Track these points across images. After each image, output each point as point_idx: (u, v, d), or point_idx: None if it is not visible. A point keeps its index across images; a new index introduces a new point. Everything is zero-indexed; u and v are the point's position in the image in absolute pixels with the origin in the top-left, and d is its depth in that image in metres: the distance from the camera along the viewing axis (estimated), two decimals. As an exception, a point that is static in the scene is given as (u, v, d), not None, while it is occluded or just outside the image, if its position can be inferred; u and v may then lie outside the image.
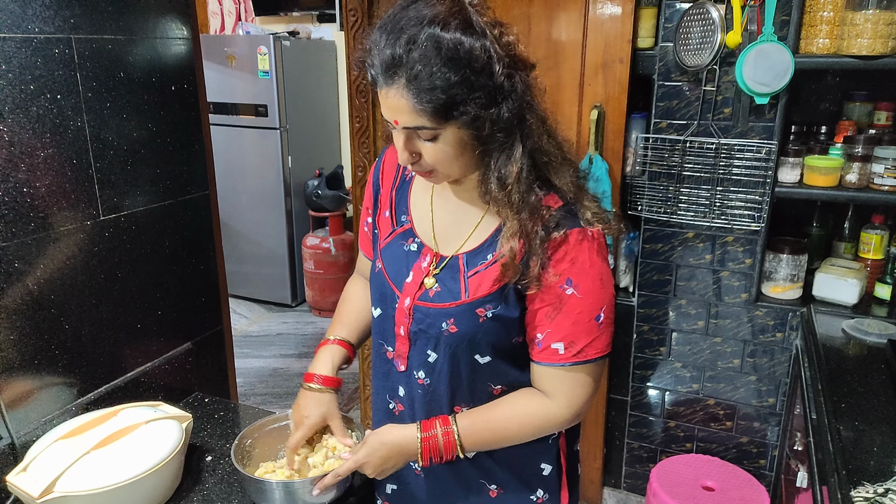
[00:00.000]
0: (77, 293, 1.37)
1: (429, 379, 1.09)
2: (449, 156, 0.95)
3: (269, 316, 4.50)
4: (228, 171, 4.41)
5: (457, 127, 0.92)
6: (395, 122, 0.94)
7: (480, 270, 1.03)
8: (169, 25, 1.53)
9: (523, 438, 1.07)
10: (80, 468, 1.11)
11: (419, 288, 1.07)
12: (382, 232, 1.17)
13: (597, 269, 0.99)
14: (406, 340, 1.09)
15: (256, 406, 1.77)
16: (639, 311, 2.38)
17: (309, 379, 1.21)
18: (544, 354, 1.02)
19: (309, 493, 1.12)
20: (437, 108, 0.89)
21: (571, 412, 1.04)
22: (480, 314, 1.02)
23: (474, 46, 0.88)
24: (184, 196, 1.63)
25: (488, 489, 1.15)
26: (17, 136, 1.23)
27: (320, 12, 4.60)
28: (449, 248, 1.07)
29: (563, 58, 2.22)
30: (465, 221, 1.07)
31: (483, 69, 0.89)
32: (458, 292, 1.03)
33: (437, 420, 1.07)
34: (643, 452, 2.53)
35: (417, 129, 0.93)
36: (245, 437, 1.24)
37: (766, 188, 2.07)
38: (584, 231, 0.98)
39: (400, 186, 1.17)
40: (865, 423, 1.39)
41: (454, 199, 1.09)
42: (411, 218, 1.13)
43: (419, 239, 1.10)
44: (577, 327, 0.99)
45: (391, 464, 1.09)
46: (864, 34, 1.82)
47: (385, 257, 1.13)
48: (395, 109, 0.92)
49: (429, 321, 1.05)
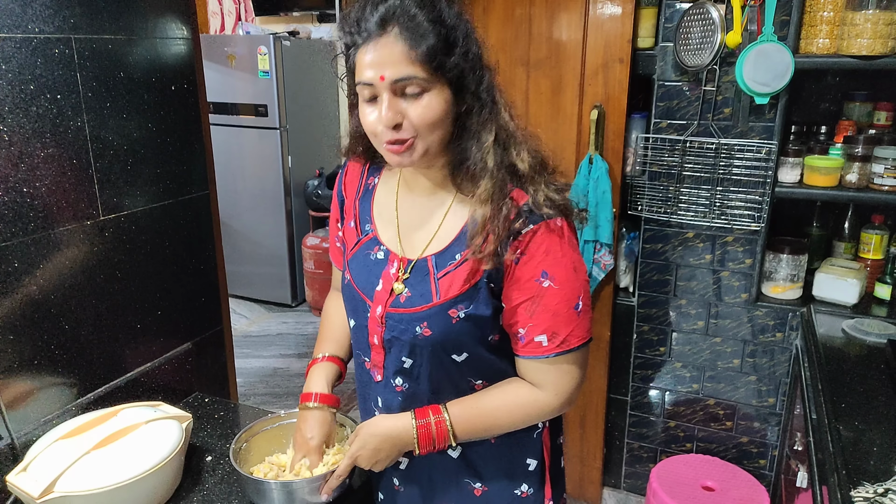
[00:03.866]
0: (77, 293, 1.37)
1: (407, 384, 1.09)
2: (435, 116, 0.94)
3: (269, 316, 4.50)
4: (228, 171, 4.41)
5: (444, 85, 0.94)
6: (381, 79, 0.92)
7: (450, 271, 1.02)
8: (169, 25, 1.53)
9: (513, 426, 1.07)
10: (80, 468, 1.11)
11: (390, 295, 1.06)
12: (348, 243, 1.17)
13: (569, 259, 1.00)
14: (381, 349, 1.09)
15: (256, 406, 1.77)
16: (639, 311, 2.38)
17: (307, 399, 1.19)
18: (528, 349, 1.02)
19: (308, 492, 1.12)
20: (429, 52, 0.91)
21: (560, 400, 1.05)
22: (453, 315, 1.02)
23: (461, 12, 0.96)
24: (184, 196, 1.63)
25: (472, 488, 1.15)
26: (17, 136, 1.23)
27: (320, 12, 4.61)
28: (415, 252, 1.07)
29: (563, 58, 2.22)
30: (429, 221, 1.07)
31: (468, 34, 0.96)
32: (429, 294, 1.03)
33: (428, 409, 1.07)
34: (643, 452, 2.53)
35: (407, 79, 0.92)
36: (244, 437, 1.24)
37: (766, 188, 2.07)
38: (551, 223, 0.99)
39: (363, 196, 1.16)
40: (865, 423, 1.39)
41: (418, 199, 1.09)
42: (375, 226, 1.12)
43: (385, 246, 1.10)
44: (557, 318, 1.00)
45: (384, 454, 1.09)
46: (864, 34, 1.82)
47: (353, 268, 1.13)
48: (386, 60, 0.91)
49: (402, 327, 1.05)
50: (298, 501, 1.13)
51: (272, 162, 4.35)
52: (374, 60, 0.92)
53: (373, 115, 0.96)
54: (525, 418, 1.07)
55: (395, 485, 1.19)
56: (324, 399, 1.18)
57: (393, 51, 0.91)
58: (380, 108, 0.94)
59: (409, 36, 0.91)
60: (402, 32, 0.91)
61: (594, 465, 2.56)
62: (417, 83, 0.92)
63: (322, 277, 4.32)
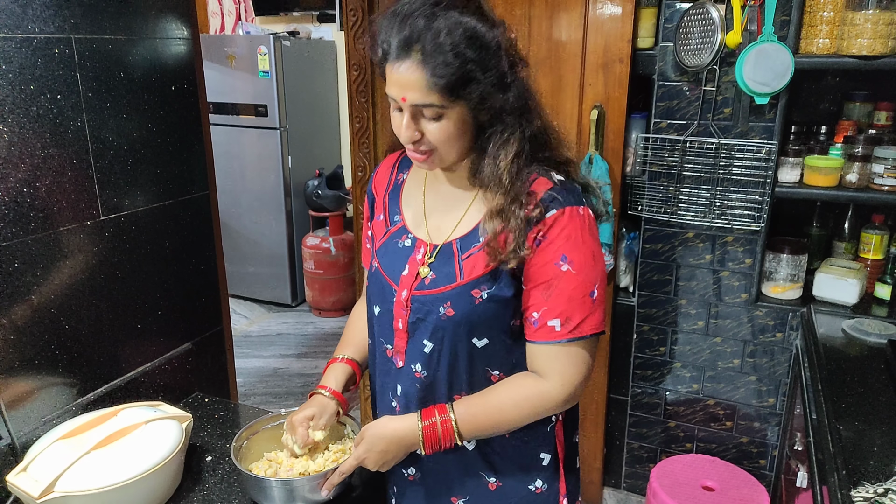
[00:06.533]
0: (77, 293, 1.37)
1: (426, 371, 1.09)
2: (451, 136, 0.98)
3: (269, 316, 4.50)
4: (228, 171, 4.41)
5: (463, 107, 0.96)
6: (402, 99, 0.95)
7: (473, 253, 1.05)
8: (169, 25, 1.53)
9: (520, 421, 1.08)
10: (80, 468, 1.11)
11: (415, 279, 1.08)
12: (377, 234, 1.20)
13: (588, 246, 1.02)
14: (404, 334, 1.10)
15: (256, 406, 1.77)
16: (639, 311, 2.38)
17: (321, 388, 1.23)
18: (541, 333, 1.03)
19: (308, 490, 1.12)
20: (448, 83, 0.92)
21: (567, 391, 1.05)
22: (476, 296, 1.03)
23: (487, 32, 0.94)
24: (184, 196, 1.63)
25: (487, 481, 1.15)
26: (17, 136, 1.23)
27: (320, 12, 4.60)
28: (441, 237, 1.10)
29: (563, 58, 2.22)
30: (455, 208, 1.10)
31: (494, 54, 0.95)
32: (453, 275, 1.05)
33: (434, 408, 1.08)
34: (643, 452, 2.53)
35: (425, 106, 0.95)
36: (244, 435, 1.24)
37: (766, 188, 2.07)
38: (576, 209, 1.02)
39: (392, 191, 1.20)
40: (865, 423, 1.39)
41: (444, 189, 1.12)
42: (403, 217, 1.16)
43: (412, 234, 1.13)
44: (572, 303, 1.01)
45: (391, 456, 1.10)
46: (864, 34, 1.82)
47: (381, 256, 1.16)
48: (406, 84, 0.94)
49: (426, 308, 1.06)
50: (299, 499, 1.13)
51: (272, 162, 4.35)
52: (397, 81, 0.95)
53: (397, 123, 1.00)
54: (532, 412, 1.07)
55: (409, 476, 1.19)
56: (335, 394, 1.22)
57: (412, 77, 0.93)
58: (401, 122, 0.98)
59: (431, 63, 0.91)
60: (425, 59, 0.91)
61: (594, 465, 2.56)
62: (434, 110, 0.95)
63: (322, 277, 4.32)
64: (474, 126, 1.01)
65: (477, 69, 0.93)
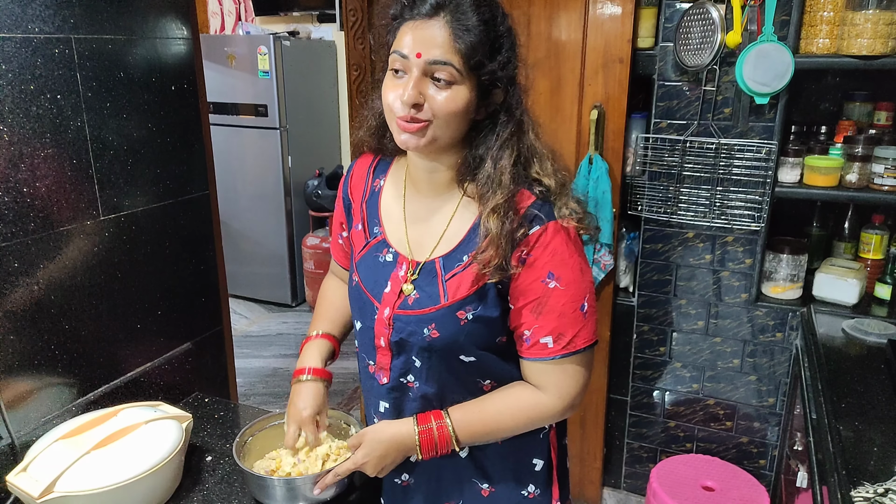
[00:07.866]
0: (77, 293, 1.37)
1: (417, 384, 1.09)
2: (454, 111, 0.96)
3: (269, 316, 4.50)
4: (228, 171, 4.41)
5: (472, 86, 0.96)
6: (417, 55, 0.93)
7: (458, 272, 1.03)
8: (169, 25, 1.53)
9: (516, 430, 1.07)
10: (80, 468, 1.11)
11: (398, 297, 1.06)
12: (356, 245, 1.16)
13: (575, 260, 1.01)
14: (387, 351, 1.09)
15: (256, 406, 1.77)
16: (639, 311, 2.38)
17: (300, 373, 1.20)
18: (534, 350, 1.02)
19: (310, 489, 1.12)
20: (470, 48, 0.93)
21: (564, 404, 1.05)
22: (461, 317, 1.02)
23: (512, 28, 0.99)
24: (184, 196, 1.63)
25: (480, 488, 1.15)
26: (17, 136, 1.23)
27: (320, 12, 4.60)
28: (424, 253, 1.07)
29: (563, 58, 2.22)
30: (437, 223, 1.07)
31: (509, 37, 0.99)
32: (437, 296, 1.03)
33: (431, 414, 1.07)
34: (643, 452, 2.53)
35: (443, 64, 0.93)
36: (246, 434, 1.24)
37: (766, 188, 2.07)
38: (559, 223, 1.00)
39: (370, 198, 1.16)
40: (865, 423, 1.39)
41: (424, 202, 1.09)
42: (383, 229, 1.12)
43: (393, 248, 1.10)
44: (563, 319, 1.00)
45: (390, 460, 1.09)
46: (864, 34, 1.82)
47: (361, 270, 1.13)
48: (429, 41, 0.93)
49: (409, 329, 1.04)
50: (300, 498, 1.13)
51: (272, 162, 4.35)
52: (416, 37, 0.94)
53: (396, 89, 0.96)
54: (528, 422, 1.07)
55: (402, 482, 1.19)
56: (316, 372, 1.19)
57: (437, 34, 0.93)
58: (406, 84, 0.95)
59: (457, 26, 0.93)
60: (452, 22, 0.93)
61: (594, 465, 2.56)
62: (450, 72, 0.94)
63: (322, 277, 4.31)
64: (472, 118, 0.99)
65: (501, 42, 0.96)
